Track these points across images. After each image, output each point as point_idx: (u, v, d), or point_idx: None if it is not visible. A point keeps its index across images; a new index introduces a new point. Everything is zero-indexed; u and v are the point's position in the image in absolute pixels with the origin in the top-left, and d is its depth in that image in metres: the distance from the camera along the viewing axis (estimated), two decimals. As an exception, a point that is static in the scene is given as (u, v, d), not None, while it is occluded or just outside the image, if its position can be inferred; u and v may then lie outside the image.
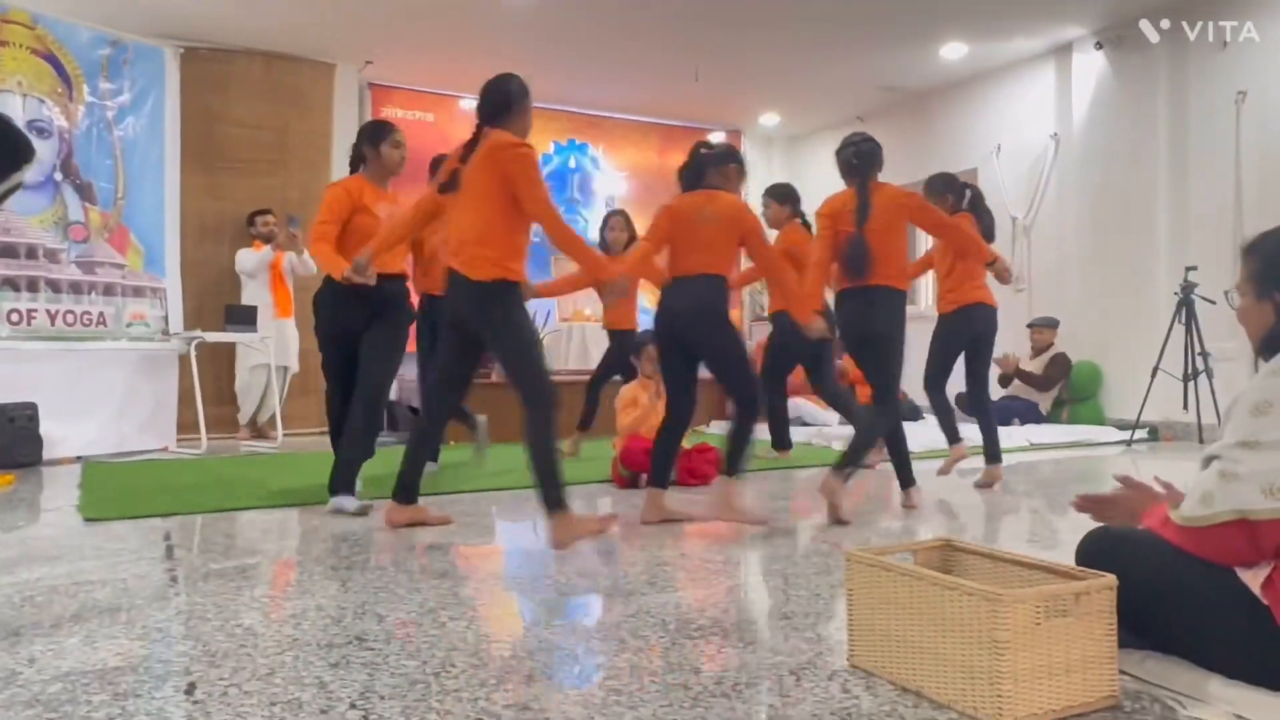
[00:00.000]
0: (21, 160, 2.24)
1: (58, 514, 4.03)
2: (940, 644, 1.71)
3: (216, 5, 6.70)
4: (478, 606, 2.48)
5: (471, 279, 3.20)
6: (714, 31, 7.18)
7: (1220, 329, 6.00)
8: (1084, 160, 7.53)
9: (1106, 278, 7.37)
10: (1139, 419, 6.57)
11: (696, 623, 2.30)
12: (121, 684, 1.87)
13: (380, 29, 7.28)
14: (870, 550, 1.95)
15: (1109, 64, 7.31)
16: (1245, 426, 1.69)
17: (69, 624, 2.30)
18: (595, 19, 7.05)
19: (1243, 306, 1.87)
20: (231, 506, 4.07)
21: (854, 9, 6.85)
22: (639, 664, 1.99)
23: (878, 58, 7.96)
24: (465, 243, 3.23)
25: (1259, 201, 6.35)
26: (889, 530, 3.62)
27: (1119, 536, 1.92)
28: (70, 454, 5.78)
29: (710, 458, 4.77)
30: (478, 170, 3.22)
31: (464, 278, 3.22)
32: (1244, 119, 6.49)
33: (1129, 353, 7.06)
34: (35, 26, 6.10)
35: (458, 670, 1.95)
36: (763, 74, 8.18)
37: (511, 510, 4.14)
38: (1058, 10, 7.01)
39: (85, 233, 6.27)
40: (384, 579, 2.78)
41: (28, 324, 5.77)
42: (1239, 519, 1.65)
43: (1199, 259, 6.40)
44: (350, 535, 3.46)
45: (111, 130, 6.54)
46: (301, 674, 1.92)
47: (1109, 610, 1.70)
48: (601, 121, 9.65)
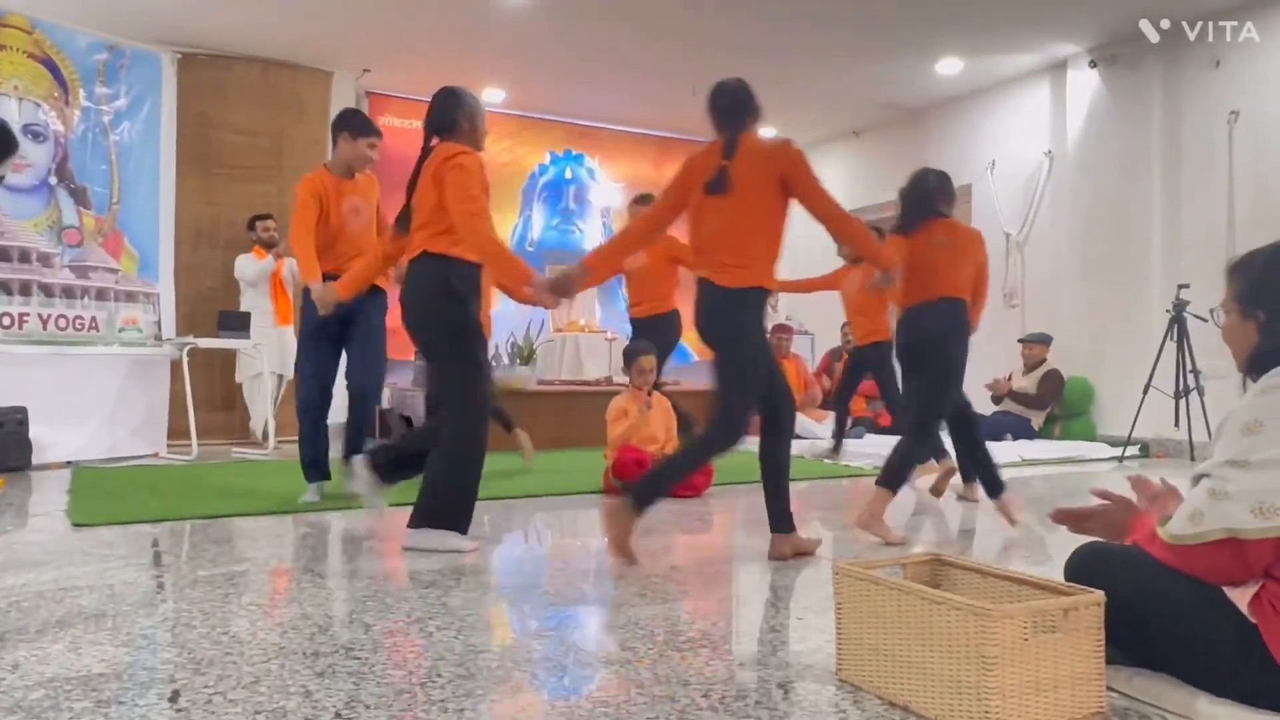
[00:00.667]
0: (6, 151, 2.23)
1: (46, 519, 4.01)
2: (928, 659, 1.71)
3: (215, 12, 6.71)
4: (465, 616, 2.47)
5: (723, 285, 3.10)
6: (711, 45, 7.21)
7: (1212, 347, 6.00)
8: (1078, 177, 7.57)
9: (1099, 294, 7.40)
10: (1130, 435, 6.58)
11: (685, 635, 2.29)
12: (105, 691, 1.85)
13: (378, 37, 7.30)
14: (859, 564, 1.95)
15: (1103, 82, 7.36)
16: (1235, 445, 1.69)
17: (54, 630, 2.28)
18: (593, 31, 7.08)
19: (1227, 325, 1.88)
20: (221, 513, 4.05)
21: (851, 24, 6.88)
22: (627, 676, 1.98)
23: (874, 73, 7.99)
24: (725, 249, 3.10)
25: (1251, 220, 6.39)
26: (879, 545, 3.61)
27: (1108, 553, 1.91)
28: (60, 459, 5.75)
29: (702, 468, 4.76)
30: (751, 170, 3.11)
31: (711, 284, 3.12)
32: (1237, 138, 6.53)
33: (1121, 369, 7.08)
34: (33, 31, 6.11)
35: (444, 680, 1.94)
36: (759, 87, 8.15)
37: (501, 519, 4.12)
38: (1053, 28, 7.05)
39: (79, 237, 6.26)
40: (372, 588, 2.77)
41: (19, 328, 5.75)
42: (1228, 538, 1.65)
43: (1191, 277, 6.43)
44: (339, 544, 3.45)
45: (107, 135, 6.54)
46: (287, 682, 1.91)
47: (1097, 626, 1.70)
48: (598, 133, 9.68)
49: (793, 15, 6.71)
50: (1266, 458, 1.65)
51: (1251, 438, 1.68)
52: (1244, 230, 6.40)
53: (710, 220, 3.14)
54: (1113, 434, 7.02)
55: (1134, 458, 6.72)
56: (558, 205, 9.53)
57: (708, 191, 3.12)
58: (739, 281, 3.08)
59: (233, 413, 7.34)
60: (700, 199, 3.16)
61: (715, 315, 3.14)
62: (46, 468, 5.60)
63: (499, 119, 9.12)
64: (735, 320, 3.11)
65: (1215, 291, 2.03)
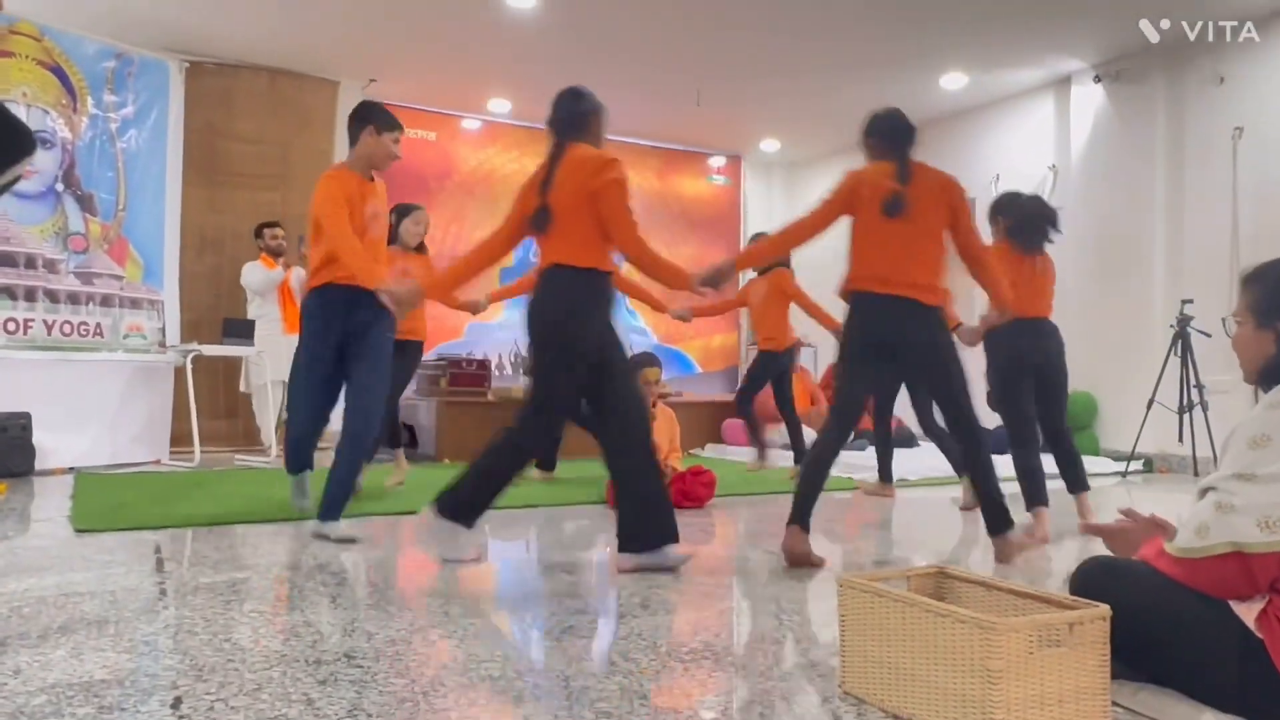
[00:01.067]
0: (22, 152, 2.21)
1: (48, 525, 4.01)
2: (933, 672, 1.70)
3: (222, 21, 6.75)
4: (468, 626, 2.46)
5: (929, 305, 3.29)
6: (716, 57, 7.24)
7: (1216, 362, 6.02)
8: (1081, 192, 7.58)
9: (1102, 309, 7.40)
10: (1134, 451, 6.57)
11: (688, 646, 2.28)
12: (107, 697, 1.85)
13: (384, 48, 7.33)
14: (864, 576, 1.94)
15: (1107, 97, 7.38)
16: (1242, 458, 1.69)
17: (56, 635, 2.28)
18: (598, 42, 7.11)
19: (1240, 335, 1.87)
20: (223, 520, 4.05)
21: (855, 38, 6.91)
22: (629, 686, 1.97)
23: (878, 86, 8.00)
24: (920, 270, 3.27)
25: (1255, 236, 6.39)
26: (883, 557, 3.60)
27: (1113, 567, 1.91)
28: (63, 465, 5.76)
29: (705, 480, 4.76)
30: (930, 200, 3.32)
31: (918, 303, 3.26)
32: (1241, 155, 6.54)
33: (1124, 384, 7.07)
34: (42, 38, 6.14)
35: (447, 690, 1.93)
36: (763, 100, 8.24)
37: (504, 529, 4.12)
38: (1057, 43, 7.08)
39: (85, 243, 6.28)
40: (375, 596, 2.76)
41: (24, 333, 5.77)
42: (1234, 551, 1.65)
43: (1195, 292, 6.43)
44: (342, 551, 3.44)
45: (114, 142, 6.57)
46: (289, 690, 1.90)
47: (1103, 641, 1.69)
48: (603, 144, 9.69)
49: (797, 29, 6.73)
50: (1273, 471, 1.65)
51: (1258, 451, 1.68)
52: (1248, 246, 6.41)
53: (892, 241, 3.27)
54: (1116, 449, 7.01)
55: (1137, 473, 6.71)
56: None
57: (886, 214, 3.26)
58: (940, 301, 3.32)
59: (235, 420, 7.35)
60: (875, 219, 3.28)
61: (936, 331, 3.32)
62: (49, 473, 5.60)
63: (505, 129, 9.16)
64: (950, 338, 3.40)
65: (1219, 306, 2.03)
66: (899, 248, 3.25)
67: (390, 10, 6.53)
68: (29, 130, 2.24)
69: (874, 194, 3.28)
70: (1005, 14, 6.47)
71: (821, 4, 6.35)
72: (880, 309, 3.27)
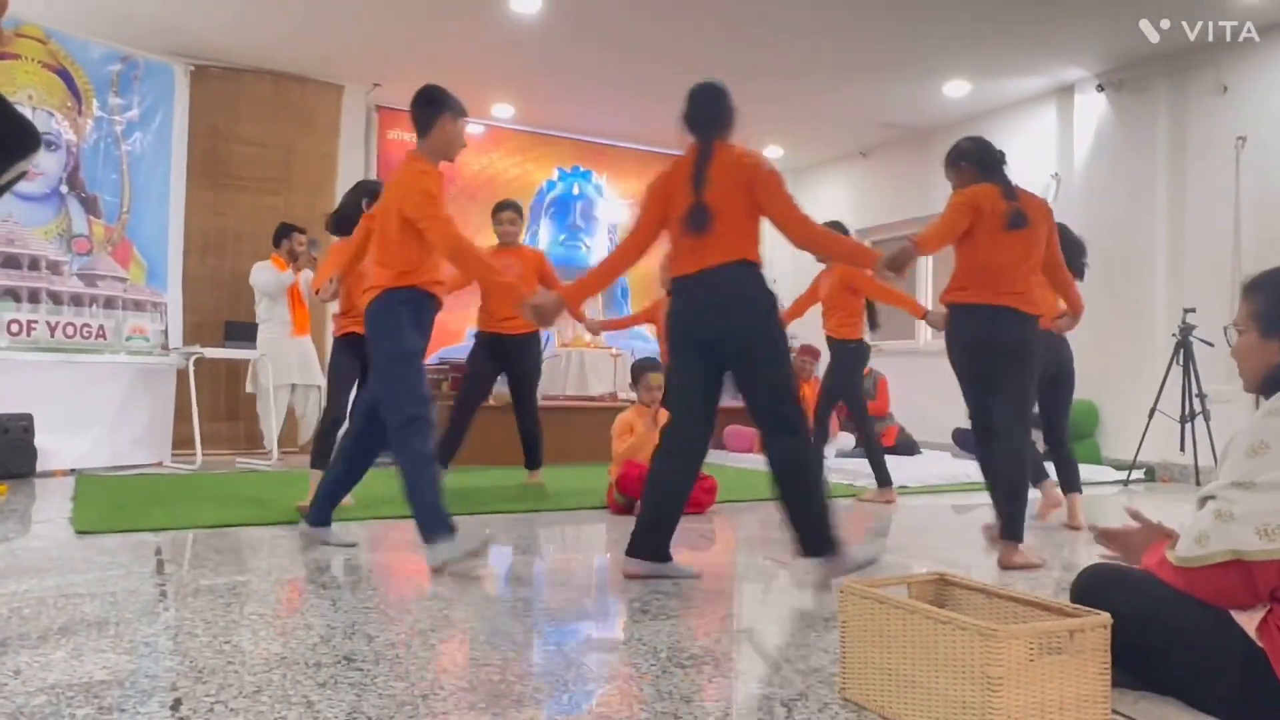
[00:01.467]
0: (27, 149, 2.21)
1: (49, 526, 4.01)
2: (933, 679, 1.70)
3: (228, 24, 6.77)
4: (468, 629, 2.46)
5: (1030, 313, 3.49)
6: (718, 63, 7.24)
7: (1218, 371, 6.01)
8: (1084, 200, 7.57)
9: (1104, 318, 7.37)
10: (1135, 459, 6.56)
11: (689, 651, 2.28)
12: (106, 698, 1.85)
13: (389, 52, 7.35)
14: (864, 583, 1.94)
15: (1110, 106, 7.38)
16: (1241, 467, 1.69)
17: (56, 636, 2.28)
18: (602, 48, 7.13)
19: (1242, 344, 1.86)
20: (224, 523, 4.05)
21: (858, 45, 6.92)
22: (629, 692, 1.97)
23: (881, 93, 8.03)
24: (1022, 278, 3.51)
25: (1257, 246, 6.39)
26: (884, 563, 3.60)
27: (1114, 575, 1.91)
28: (64, 466, 5.76)
29: (707, 486, 4.76)
30: (1039, 217, 3.61)
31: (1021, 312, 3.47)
32: (1243, 164, 6.54)
33: (1126, 393, 7.06)
34: (48, 41, 6.16)
35: (446, 693, 1.93)
36: (766, 106, 8.24)
37: (506, 533, 4.12)
38: (1060, 52, 7.08)
39: (89, 246, 6.30)
40: (375, 599, 2.77)
41: (27, 335, 5.78)
42: (1234, 559, 1.65)
43: (1197, 301, 6.43)
44: (342, 554, 3.44)
45: (119, 145, 6.58)
46: (289, 693, 1.90)
47: (1103, 649, 1.69)
48: (606, 149, 9.72)
49: (801, 36, 6.75)
50: (1271, 479, 1.65)
51: (1257, 459, 1.68)
52: (1250, 255, 6.40)
53: (1007, 253, 3.49)
54: (1117, 458, 7.00)
55: (1139, 481, 6.70)
56: (565, 221, 9.56)
57: (1010, 227, 3.49)
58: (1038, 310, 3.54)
59: (237, 423, 7.35)
60: (993, 232, 3.49)
61: (1031, 338, 3.50)
62: (51, 475, 5.60)
63: (508, 134, 9.17)
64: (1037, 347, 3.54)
65: (1222, 316, 2.03)
66: (1013, 260, 3.48)
67: (394, 15, 6.55)
68: (34, 127, 2.24)
69: (994, 209, 3.50)
70: (1008, 22, 6.48)
71: (826, 13, 6.36)
72: (990, 319, 3.47)
